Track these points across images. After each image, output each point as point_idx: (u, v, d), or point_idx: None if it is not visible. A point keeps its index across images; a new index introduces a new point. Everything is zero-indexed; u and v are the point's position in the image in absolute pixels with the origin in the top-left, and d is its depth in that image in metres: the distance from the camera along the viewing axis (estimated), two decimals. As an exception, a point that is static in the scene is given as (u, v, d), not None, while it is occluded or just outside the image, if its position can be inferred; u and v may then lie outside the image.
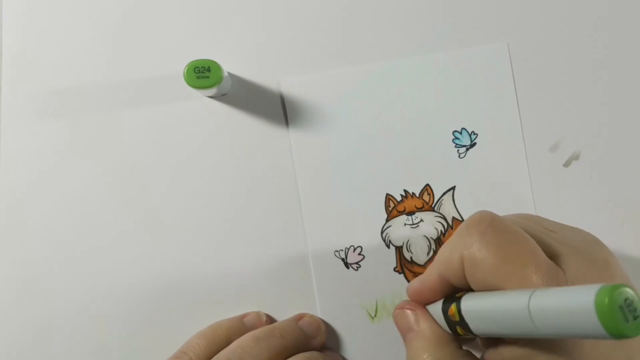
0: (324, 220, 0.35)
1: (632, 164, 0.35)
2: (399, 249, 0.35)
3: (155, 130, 0.36)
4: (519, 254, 0.24)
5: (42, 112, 0.36)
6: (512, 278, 0.23)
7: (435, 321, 0.28)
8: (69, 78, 0.36)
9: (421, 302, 0.29)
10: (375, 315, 0.35)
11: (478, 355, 0.27)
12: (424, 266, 0.35)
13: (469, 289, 0.26)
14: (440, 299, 0.28)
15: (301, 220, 0.35)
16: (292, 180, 0.35)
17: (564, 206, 0.35)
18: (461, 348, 0.27)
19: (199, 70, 0.32)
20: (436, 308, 0.28)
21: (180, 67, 0.32)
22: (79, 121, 0.36)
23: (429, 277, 0.28)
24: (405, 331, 0.29)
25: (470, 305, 0.25)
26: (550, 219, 0.29)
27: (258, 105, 0.36)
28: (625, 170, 0.35)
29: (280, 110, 0.36)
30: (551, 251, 0.25)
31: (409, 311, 0.29)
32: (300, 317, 0.34)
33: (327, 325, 0.35)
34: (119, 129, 0.36)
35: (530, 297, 0.20)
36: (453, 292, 0.27)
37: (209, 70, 0.32)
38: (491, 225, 0.25)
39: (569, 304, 0.18)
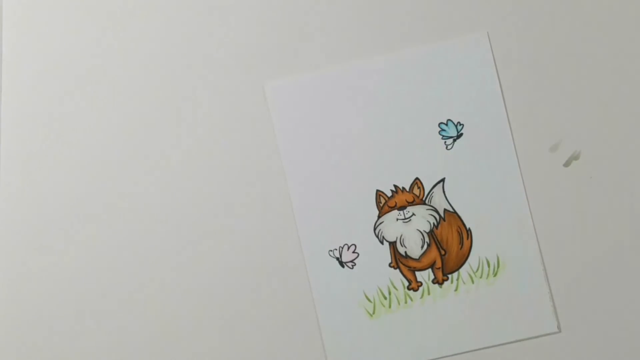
0: (317, 221, 0.35)
1: (632, 164, 0.35)
2: (392, 245, 0.35)
3: (155, 130, 0.36)
4: None
5: (42, 111, 0.36)
6: None
7: None
8: (69, 79, 0.36)
9: None
10: (373, 312, 0.35)
11: None
12: (419, 260, 0.35)
13: None
14: None
15: (294, 222, 0.35)
16: (283, 183, 0.35)
17: (564, 206, 0.35)
18: None
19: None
20: None
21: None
22: (78, 121, 0.36)
23: None
24: None
25: None
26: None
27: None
28: (625, 170, 0.35)
29: (267, 113, 0.36)
30: None
31: None
32: None
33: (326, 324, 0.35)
34: (114, 130, 0.36)
35: None
36: None
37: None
38: None
39: None
